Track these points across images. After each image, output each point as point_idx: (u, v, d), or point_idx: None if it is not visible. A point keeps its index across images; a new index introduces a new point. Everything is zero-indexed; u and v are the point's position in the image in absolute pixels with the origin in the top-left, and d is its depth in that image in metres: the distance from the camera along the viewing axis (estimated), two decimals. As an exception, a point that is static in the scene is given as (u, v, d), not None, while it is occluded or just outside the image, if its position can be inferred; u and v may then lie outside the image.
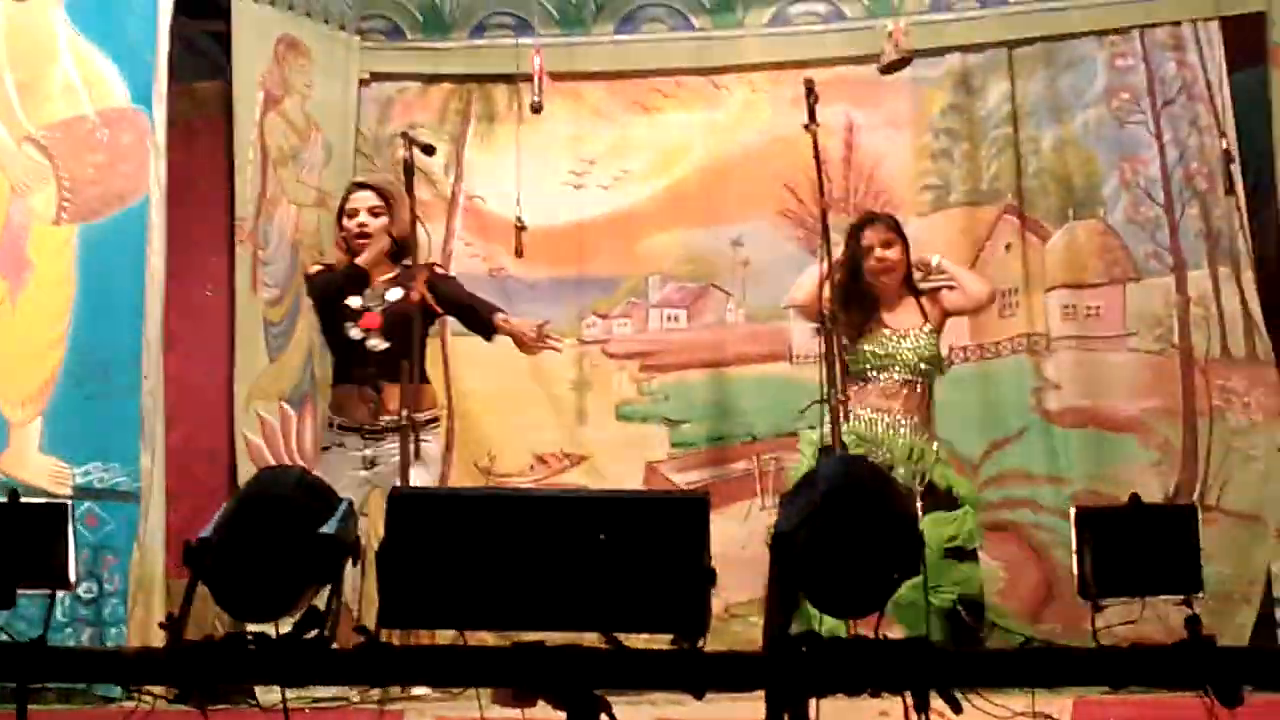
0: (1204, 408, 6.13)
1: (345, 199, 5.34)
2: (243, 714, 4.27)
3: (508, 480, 6.50)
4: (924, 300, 5.42)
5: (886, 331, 5.30)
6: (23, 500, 3.16)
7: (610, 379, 6.69)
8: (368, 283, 5.19)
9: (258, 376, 6.01)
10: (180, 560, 2.94)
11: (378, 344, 5.09)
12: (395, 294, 5.15)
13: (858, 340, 5.27)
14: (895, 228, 5.44)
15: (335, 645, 2.96)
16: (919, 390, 5.31)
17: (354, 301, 5.17)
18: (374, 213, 5.22)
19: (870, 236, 5.35)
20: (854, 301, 5.28)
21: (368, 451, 5.08)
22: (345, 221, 5.26)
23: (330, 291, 5.24)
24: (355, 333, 5.14)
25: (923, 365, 5.31)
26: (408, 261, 5.15)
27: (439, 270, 5.39)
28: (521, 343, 5.18)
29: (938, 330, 5.39)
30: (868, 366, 5.28)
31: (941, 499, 5.15)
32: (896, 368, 5.26)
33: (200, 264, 6.14)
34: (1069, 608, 5.89)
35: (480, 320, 5.28)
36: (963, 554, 5.11)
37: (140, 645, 4.92)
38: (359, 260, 5.18)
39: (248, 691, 4.55)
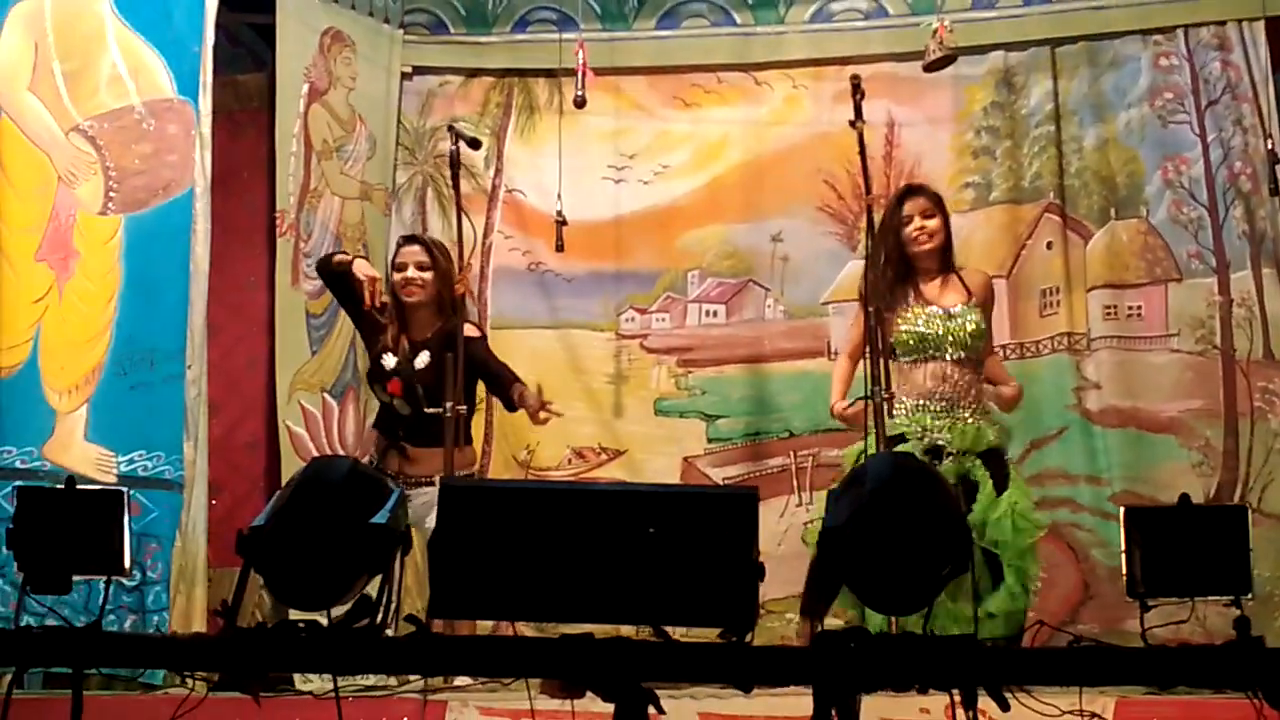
0: (1245, 409, 6.10)
1: (396, 253, 5.38)
2: (287, 701, 4.29)
3: (545, 474, 6.52)
4: (964, 276, 5.23)
5: (933, 310, 5.09)
6: (79, 487, 3.19)
7: (648, 373, 6.72)
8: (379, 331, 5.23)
9: (300, 367, 6.05)
10: (221, 548, 2.96)
11: (402, 408, 5.11)
12: (423, 359, 5.15)
13: (900, 318, 5.06)
14: (936, 200, 5.25)
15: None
16: (973, 370, 5.11)
17: (388, 361, 5.19)
18: (421, 267, 5.22)
19: (910, 207, 5.18)
20: (895, 275, 5.14)
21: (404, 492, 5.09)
22: (394, 275, 5.29)
23: (332, 276, 5.30)
24: (384, 396, 5.20)
25: (976, 342, 5.09)
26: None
27: (471, 327, 5.34)
28: (531, 414, 5.20)
29: (981, 307, 5.17)
30: (917, 348, 5.07)
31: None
32: (949, 347, 5.06)
33: (243, 255, 6.18)
34: (1107, 608, 5.90)
35: (503, 389, 5.30)
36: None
37: (184, 632, 4.96)
38: (408, 304, 5.22)
39: (285, 678, 4.57)
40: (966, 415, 5.03)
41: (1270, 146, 5.85)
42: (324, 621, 2.96)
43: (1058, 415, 6.30)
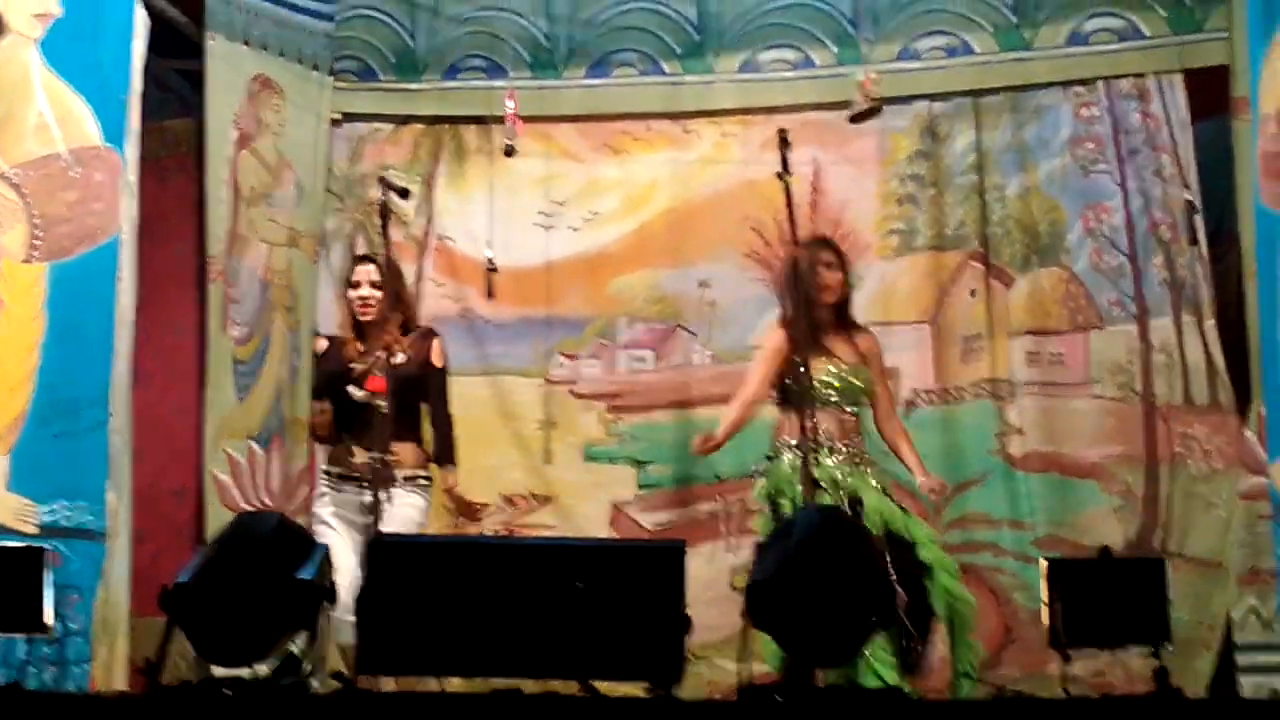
0: (1166, 454, 6.18)
1: (350, 271, 5.67)
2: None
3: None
4: (855, 337, 5.42)
5: (831, 367, 5.27)
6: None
7: (578, 419, 6.72)
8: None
9: (227, 415, 6.00)
10: (145, 599, 2.94)
11: (384, 405, 5.12)
12: (401, 358, 5.36)
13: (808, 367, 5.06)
14: (838, 254, 5.44)
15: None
16: (855, 423, 5.31)
17: (356, 365, 5.34)
18: (374, 285, 5.47)
19: (816, 256, 5.34)
20: (806, 324, 5.16)
21: (366, 498, 5.10)
22: (349, 292, 5.58)
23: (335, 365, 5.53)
24: (359, 394, 5.22)
25: (864, 399, 5.34)
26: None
27: (439, 357, 5.65)
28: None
29: (870, 368, 5.39)
30: (820, 397, 5.16)
31: (905, 551, 5.00)
32: (844, 401, 5.25)
33: (171, 301, 6.14)
34: (1029, 652, 5.93)
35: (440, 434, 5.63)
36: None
37: (105, 686, 4.90)
38: (365, 322, 5.50)
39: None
40: (866, 468, 5.22)
41: (1189, 197, 5.97)
42: (248, 677, 2.95)
43: (980, 460, 6.37)
